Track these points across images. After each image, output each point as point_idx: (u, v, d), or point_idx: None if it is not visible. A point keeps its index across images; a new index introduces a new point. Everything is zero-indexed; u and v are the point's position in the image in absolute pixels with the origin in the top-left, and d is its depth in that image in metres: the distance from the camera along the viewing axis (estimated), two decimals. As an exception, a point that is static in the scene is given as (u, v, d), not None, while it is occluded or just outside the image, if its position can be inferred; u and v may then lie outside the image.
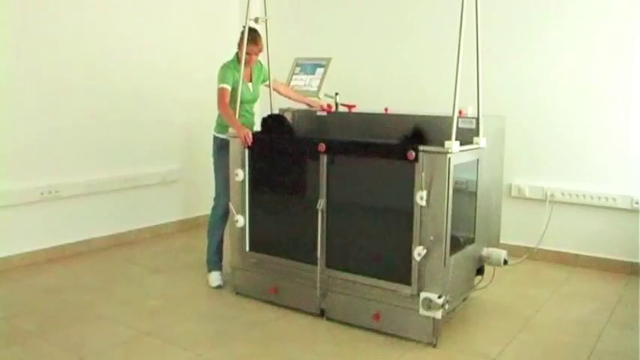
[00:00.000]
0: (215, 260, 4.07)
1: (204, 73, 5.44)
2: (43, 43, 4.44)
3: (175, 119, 5.45)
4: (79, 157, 4.74)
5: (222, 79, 3.84)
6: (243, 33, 3.86)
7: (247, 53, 3.84)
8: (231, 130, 3.78)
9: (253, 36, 3.86)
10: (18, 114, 4.33)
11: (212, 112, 4.03)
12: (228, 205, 3.88)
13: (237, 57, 3.91)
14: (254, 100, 4.09)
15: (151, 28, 5.21)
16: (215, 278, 4.02)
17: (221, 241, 4.07)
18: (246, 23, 3.85)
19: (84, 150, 4.76)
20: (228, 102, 3.80)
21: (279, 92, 4.20)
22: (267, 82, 4.15)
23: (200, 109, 5.47)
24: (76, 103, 4.68)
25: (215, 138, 4.01)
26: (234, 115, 3.80)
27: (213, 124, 4.03)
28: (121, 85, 4.98)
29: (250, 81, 4.01)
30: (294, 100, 4.21)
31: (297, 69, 4.29)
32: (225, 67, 3.89)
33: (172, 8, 5.39)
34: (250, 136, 3.64)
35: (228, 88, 3.81)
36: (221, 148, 3.94)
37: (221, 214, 4.01)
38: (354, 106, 4.04)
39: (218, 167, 3.99)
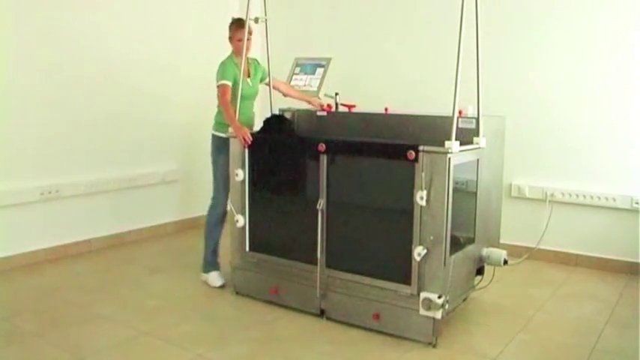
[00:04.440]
0: (213, 260, 4.06)
1: (205, 73, 5.42)
2: (43, 44, 4.44)
3: (175, 119, 5.45)
4: (79, 157, 4.74)
5: (222, 75, 3.84)
6: (230, 24, 3.95)
7: (239, 40, 3.88)
8: (230, 129, 3.78)
9: (238, 22, 3.92)
10: (18, 114, 4.32)
11: (212, 113, 4.03)
12: (227, 205, 3.87)
13: (234, 53, 3.95)
14: (254, 96, 4.07)
15: (152, 29, 5.20)
16: (216, 278, 4.01)
17: (218, 242, 4.05)
18: (246, 23, 3.85)
19: (84, 150, 4.76)
20: (230, 99, 3.80)
21: (279, 90, 4.20)
22: (267, 81, 4.14)
23: (200, 110, 5.45)
24: (76, 103, 4.68)
25: (214, 137, 4.00)
26: (235, 114, 3.79)
27: (212, 122, 4.02)
28: (121, 85, 4.98)
29: (249, 76, 3.99)
30: (294, 97, 4.21)
31: (297, 69, 4.29)
32: (224, 64, 3.90)
33: (172, 8, 5.39)
34: (249, 135, 3.64)
35: (230, 84, 3.80)
36: (220, 146, 3.93)
37: (220, 214, 4.00)
38: (354, 106, 4.04)
39: (217, 166, 3.97)
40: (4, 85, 4.23)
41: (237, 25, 3.94)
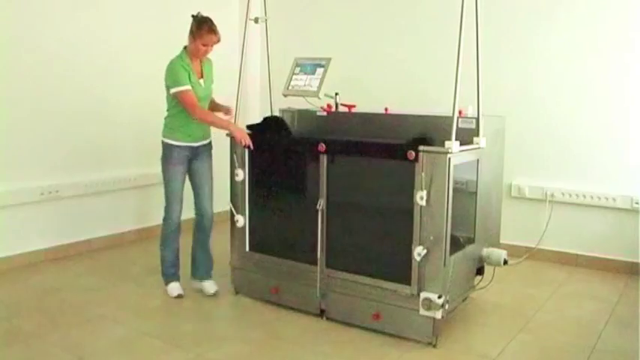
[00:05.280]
0: (172, 272, 3.88)
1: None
2: (42, 44, 4.44)
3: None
4: (79, 157, 4.73)
5: (178, 80, 3.55)
6: (197, 23, 3.56)
7: (204, 45, 3.57)
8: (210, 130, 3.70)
9: (211, 25, 3.56)
10: (18, 114, 4.32)
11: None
12: (180, 217, 3.77)
13: (187, 51, 3.65)
14: (207, 99, 3.80)
15: (151, 29, 5.19)
16: (174, 288, 3.84)
17: (177, 253, 3.87)
18: (245, 23, 3.84)
19: (84, 150, 4.76)
20: (197, 103, 3.58)
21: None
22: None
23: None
24: (76, 102, 4.68)
25: (163, 144, 3.73)
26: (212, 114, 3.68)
27: (161, 127, 3.77)
28: (120, 85, 4.98)
29: (201, 77, 3.72)
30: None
31: (297, 69, 4.28)
32: (176, 66, 3.59)
33: (171, 8, 5.38)
34: (248, 139, 3.59)
35: (190, 88, 3.56)
36: (169, 155, 3.71)
37: (174, 228, 3.80)
38: (354, 106, 4.03)
39: (167, 176, 3.72)
40: (3, 85, 4.23)
41: (210, 29, 3.56)
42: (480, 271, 3.63)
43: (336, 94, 4.09)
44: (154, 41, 5.21)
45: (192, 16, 3.61)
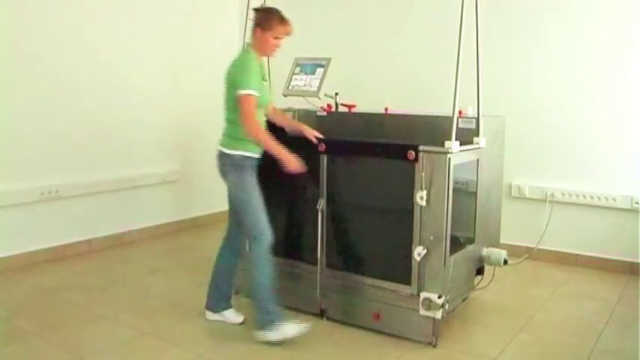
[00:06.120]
0: (272, 309, 3.14)
1: (203, 73, 5.46)
2: (43, 43, 4.44)
3: (175, 119, 5.44)
4: (79, 157, 4.73)
5: (250, 81, 2.98)
6: (265, 14, 3.15)
7: (276, 37, 3.14)
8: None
9: (281, 15, 3.15)
10: (18, 114, 4.32)
11: (212, 112, 4.01)
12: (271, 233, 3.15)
13: (256, 51, 3.18)
14: (269, 105, 3.36)
15: (150, 28, 5.20)
16: (292, 328, 3.15)
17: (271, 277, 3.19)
18: (245, 23, 3.83)
19: (84, 150, 4.76)
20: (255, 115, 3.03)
21: (271, 117, 3.46)
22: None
23: (200, 110, 5.48)
24: (76, 102, 4.68)
25: (232, 157, 3.11)
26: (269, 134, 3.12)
27: (220, 136, 3.22)
28: (121, 84, 4.98)
29: (264, 79, 3.26)
30: (287, 129, 3.52)
31: (297, 69, 4.28)
32: (250, 65, 3.06)
33: (171, 8, 5.38)
34: (299, 165, 3.16)
35: (257, 95, 3.00)
36: (241, 166, 3.14)
37: (269, 246, 3.17)
38: (354, 106, 4.03)
39: (246, 191, 3.13)
40: (4, 85, 4.23)
41: (282, 19, 3.13)
42: (480, 271, 3.63)
43: (336, 94, 4.09)
44: (157, 41, 5.23)
45: (255, 9, 3.19)
